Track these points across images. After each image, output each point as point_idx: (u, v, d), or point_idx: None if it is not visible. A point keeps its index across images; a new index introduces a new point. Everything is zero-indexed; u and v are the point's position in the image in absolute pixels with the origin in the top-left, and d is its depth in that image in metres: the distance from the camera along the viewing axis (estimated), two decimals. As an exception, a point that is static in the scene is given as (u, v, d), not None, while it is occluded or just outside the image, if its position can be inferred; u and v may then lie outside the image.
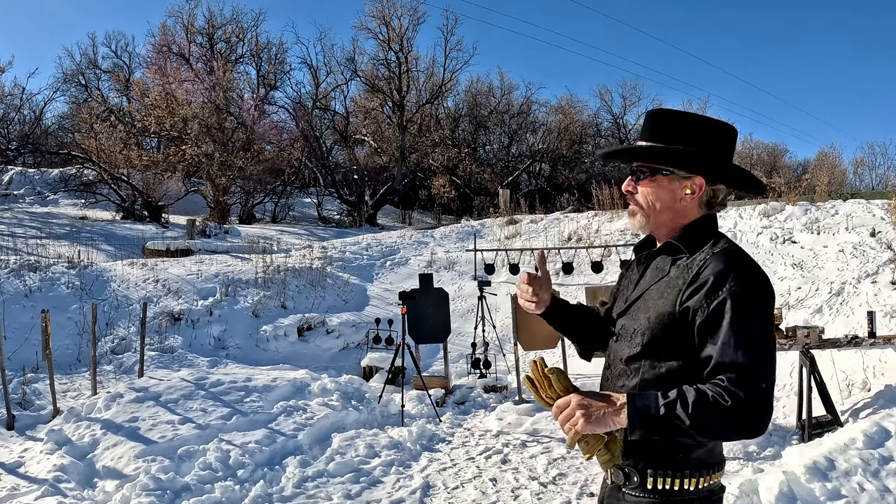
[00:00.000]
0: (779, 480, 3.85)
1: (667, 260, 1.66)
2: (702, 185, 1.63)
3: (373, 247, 13.79)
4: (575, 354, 8.13)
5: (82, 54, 30.46)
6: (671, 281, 1.60)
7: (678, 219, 1.66)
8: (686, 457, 1.55)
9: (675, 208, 1.65)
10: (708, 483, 1.58)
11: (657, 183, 1.65)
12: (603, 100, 35.15)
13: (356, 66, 27.43)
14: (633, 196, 1.71)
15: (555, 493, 4.65)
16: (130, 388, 6.13)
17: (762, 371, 1.42)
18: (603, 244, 12.00)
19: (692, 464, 1.55)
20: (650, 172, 1.66)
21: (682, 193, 1.64)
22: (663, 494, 1.56)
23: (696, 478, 1.55)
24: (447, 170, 28.37)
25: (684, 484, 1.55)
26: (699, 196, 1.64)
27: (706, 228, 1.64)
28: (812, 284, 8.81)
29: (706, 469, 1.57)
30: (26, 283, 9.33)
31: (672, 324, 1.55)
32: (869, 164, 36.02)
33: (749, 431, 1.41)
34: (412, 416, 6.58)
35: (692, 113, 1.70)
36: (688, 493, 1.55)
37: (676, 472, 1.55)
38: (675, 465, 1.55)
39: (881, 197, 13.29)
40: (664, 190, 1.65)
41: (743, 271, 1.51)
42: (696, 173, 1.62)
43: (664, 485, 1.55)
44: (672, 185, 1.64)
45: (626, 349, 1.66)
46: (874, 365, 6.08)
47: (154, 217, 20.02)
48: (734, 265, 1.51)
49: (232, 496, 4.51)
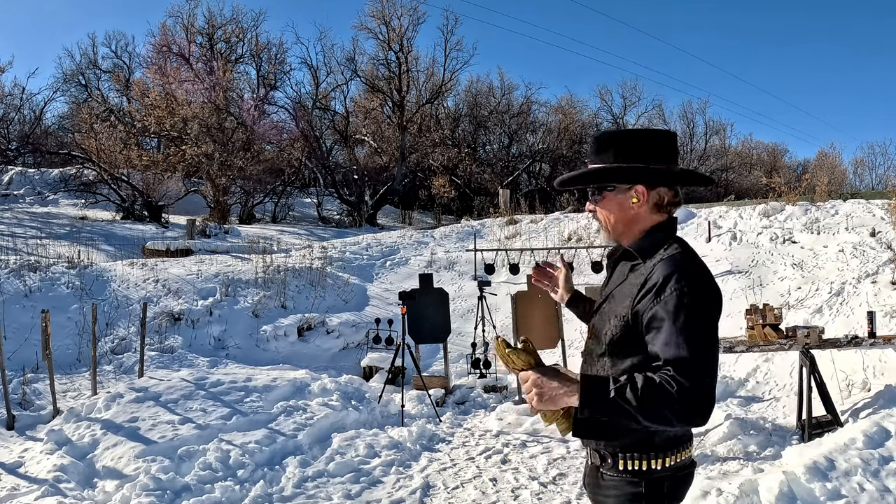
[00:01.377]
0: (779, 480, 3.85)
1: (627, 265, 1.83)
2: (644, 192, 1.76)
3: (373, 247, 13.79)
4: (575, 354, 8.09)
5: (82, 54, 30.53)
6: (628, 286, 1.75)
7: (634, 227, 1.80)
8: (651, 440, 1.70)
9: (627, 218, 1.79)
10: (674, 461, 1.73)
11: (607, 199, 1.81)
12: (603, 100, 35.23)
13: (356, 66, 27.47)
14: (594, 214, 1.88)
15: (555, 493, 4.65)
16: (130, 388, 6.13)
17: (704, 365, 1.52)
18: (603, 244, 12.00)
19: (658, 446, 1.70)
20: (599, 191, 1.82)
21: (629, 203, 1.77)
22: (634, 474, 1.72)
23: (663, 458, 1.71)
24: (447, 170, 28.38)
25: (652, 464, 1.71)
26: (645, 202, 1.76)
27: (660, 233, 1.77)
28: (812, 284, 8.81)
29: (672, 449, 1.72)
30: (26, 283, 9.33)
31: (626, 326, 1.69)
32: (869, 164, 36.06)
33: (690, 419, 1.50)
34: (412, 416, 6.58)
35: (629, 129, 1.88)
36: (656, 472, 1.71)
37: (643, 454, 1.71)
38: (642, 448, 1.70)
39: (881, 197, 13.29)
40: (613, 203, 1.80)
41: (686, 275, 1.62)
42: (634, 183, 1.76)
43: (634, 465, 1.71)
44: (619, 198, 1.79)
45: (596, 346, 1.83)
46: (874, 365, 6.08)
47: (154, 217, 20.02)
48: (679, 269, 1.63)
49: (232, 496, 4.51)
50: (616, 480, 1.75)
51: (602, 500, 1.81)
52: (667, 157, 1.78)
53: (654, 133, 1.81)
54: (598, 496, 1.82)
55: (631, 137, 1.80)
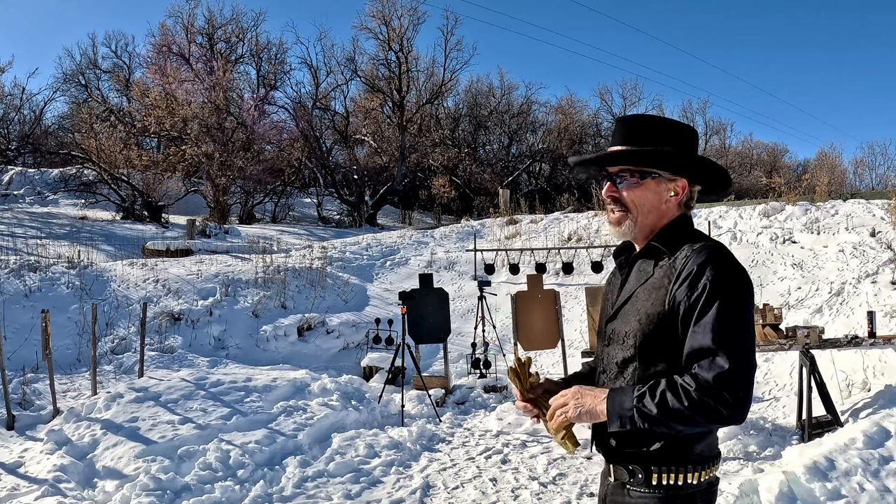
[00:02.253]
0: (779, 480, 3.85)
1: (649, 262, 1.70)
2: (685, 187, 1.69)
3: (373, 247, 13.79)
4: (574, 355, 8.10)
5: (82, 54, 30.50)
6: (657, 282, 1.64)
7: (659, 221, 1.71)
8: (689, 452, 1.60)
9: (659, 210, 1.70)
10: (707, 476, 1.63)
11: (645, 186, 1.68)
12: (603, 100, 35.21)
13: (356, 66, 27.46)
14: (616, 201, 1.72)
15: (555, 493, 4.65)
16: (130, 388, 6.13)
17: (734, 355, 1.44)
18: (603, 244, 11.99)
19: (694, 459, 1.60)
20: (639, 176, 1.68)
21: (667, 196, 1.68)
22: (667, 489, 1.60)
23: (699, 472, 1.61)
24: (447, 170, 28.37)
25: (688, 478, 1.60)
26: (681, 197, 1.69)
27: (684, 228, 1.70)
28: (812, 284, 8.81)
29: (707, 463, 1.62)
30: (26, 283, 9.33)
31: (662, 323, 1.60)
32: (869, 164, 36.08)
33: (718, 418, 1.43)
34: (412, 416, 6.57)
35: (661, 116, 1.75)
36: (691, 487, 1.60)
37: (680, 468, 1.59)
38: (678, 461, 1.59)
39: (881, 197, 13.29)
40: (651, 193, 1.68)
41: (720, 263, 1.55)
42: (682, 175, 1.68)
43: (668, 480, 1.60)
44: (659, 188, 1.68)
45: (619, 352, 1.69)
46: (874, 365, 6.08)
47: (154, 217, 20.01)
48: (713, 258, 1.56)
49: (232, 496, 4.51)
50: (647, 497, 1.62)
51: None
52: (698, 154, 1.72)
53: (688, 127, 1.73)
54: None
55: (670, 126, 1.70)
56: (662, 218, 1.70)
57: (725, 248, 1.62)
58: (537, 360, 8.80)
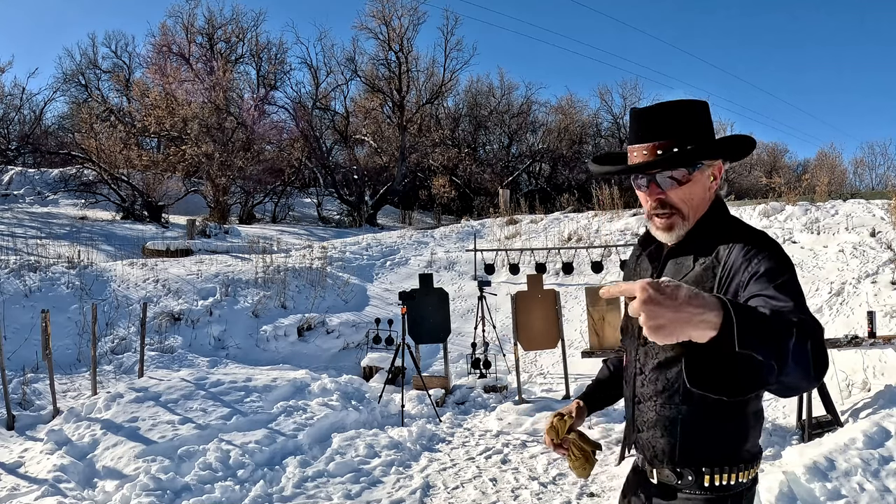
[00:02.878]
0: (779, 480, 3.85)
1: (688, 256, 1.58)
2: (720, 168, 1.60)
3: (373, 247, 13.79)
4: (574, 355, 8.09)
5: (82, 54, 30.52)
6: (701, 275, 1.53)
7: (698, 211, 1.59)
8: (741, 451, 1.55)
9: (707, 200, 1.60)
10: (753, 473, 1.59)
11: (694, 181, 1.56)
12: (603, 100, 35.27)
13: (356, 66, 27.47)
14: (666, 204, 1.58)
15: (555, 493, 4.65)
16: (130, 388, 6.13)
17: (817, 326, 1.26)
18: (603, 244, 11.99)
19: (745, 457, 1.55)
20: (687, 172, 1.56)
21: (709, 183, 1.59)
22: (719, 490, 1.54)
23: (748, 470, 1.56)
24: (447, 170, 28.37)
25: (739, 477, 1.55)
26: (719, 180, 1.61)
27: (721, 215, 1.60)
28: (812, 284, 8.81)
29: (755, 460, 1.58)
30: (26, 283, 9.33)
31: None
32: (869, 164, 36.09)
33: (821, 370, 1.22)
34: (412, 416, 6.57)
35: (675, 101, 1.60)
36: (740, 486, 1.55)
37: (732, 468, 1.54)
38: (731, 461, 1.54)
39: (881, 197, 13.29)
40: (699, 186, 1.57)
41: (771, 241, 1.49)
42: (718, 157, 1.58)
43: (721, 481, 1.54)
44: (703, 178, 1.58)
45: (660, 352, 1.59)
46: (874, 365, 6.08)
47: (154, 217, 20.01)
48: (762, 237, 1.49)
49: (232, 496, 4.51)
50: (696, 499, 1.56)
51: None
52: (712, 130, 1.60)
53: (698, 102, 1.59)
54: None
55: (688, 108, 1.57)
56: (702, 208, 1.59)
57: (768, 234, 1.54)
58: (537, 360, 8.80)
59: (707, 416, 1.53)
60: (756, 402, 1.57)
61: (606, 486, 4.73)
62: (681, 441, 1.56)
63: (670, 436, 1.56)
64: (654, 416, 1.62)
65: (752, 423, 1.56)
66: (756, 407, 1.57)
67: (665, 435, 1.58)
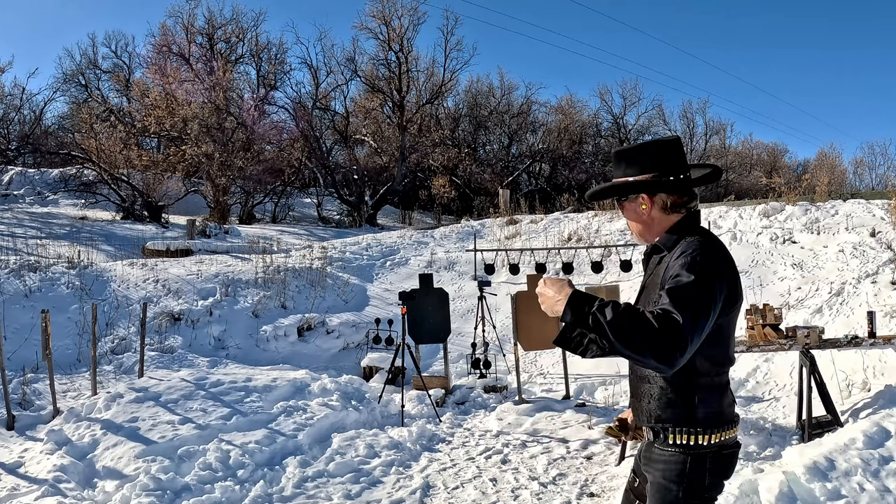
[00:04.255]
0: (779, 480, 3.85)
1: (657, 259, 2.09)
2: (648, 199, 2.05)
3: (373, 247, 13.79)
4: (575, 355, 8.02)
5: (82, 54, 30.53)
6: (658, 272, 2.02)
7: (655, 228, 2.07)
8: (695, 417, 1.94)
9: (643, 221, 2.09)
10: (719, 439, 1.96)
11: (626, 208, 2.13)
12: (603, 100, 35.27)
13: (356, 66, 27.46)
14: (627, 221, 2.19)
15: (555, 493, 4.65)
16: (130, 388, 6.13)
17: (685, 317, 1.67)
18: (603, 244, 11.99)
19: (701, 423, 1.94)
20: (619, 202, 2.14)
21: (641, 209, 2.07)
22: (682, 447, 1.96)
23: (708, 434, 1.94)
24: (447, 170, 28.36)
25: (699, 439, 1.94)
26: (652, 207, 2.05)
27: (683, 227, 2.03)
28: (812, 284, 8.81)
29: (716, 427, 1.95)
30: (26, 283, 9.33)
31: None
32: (869, 164, 36.09)
33: (664, 353, 1.63)
34: (412, 416, 6.57)
35: (638, 144, 2.14)
36: (702, 448, 1.95)
37: (690, 430, 1.95)
38: (689, 424, 1.95)
39: (881, 197, 13.29)
40: (630, 211, 2.11)
41: (698, 248, 1.89)
42: (636, 193, 2.06)
43: (682, 440, 1.96)
44: (633, 206, 2.09)
45: None
46: (874, 365, 6.07)
47: (154, 217, 20.01)
48: (694, 244, 1.92)
49: (232, 496, 4.51)
50: (666, 454, 1.99)
51: (651, 473, 2.05)
52: (673, 163, 2.04)
53: (659, 144, 2.07)
54: (649, 469, 2.07)
55: (638, 152, 2.08)
56: (652, 225, 2.07)
57: (712, 240, 1.94)
58: (537, 360, 8.80)
59: (671, 388, 1.97)
60: (708, 379, 1.95)
61: (606, 486, 4.73)
62: (654, 407, 2.01)
63: (648, 402, 2.03)
64: (640, 388, 2.08)
65: (705, 395, 1.95)
66: (710, 383, 1.96)
67: (646, 402, 2.04)
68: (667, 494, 1.97)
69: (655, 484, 2.02)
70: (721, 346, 1.94)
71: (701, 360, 1.90)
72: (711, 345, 1.86)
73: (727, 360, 1.99)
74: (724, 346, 1.96)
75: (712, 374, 1.95)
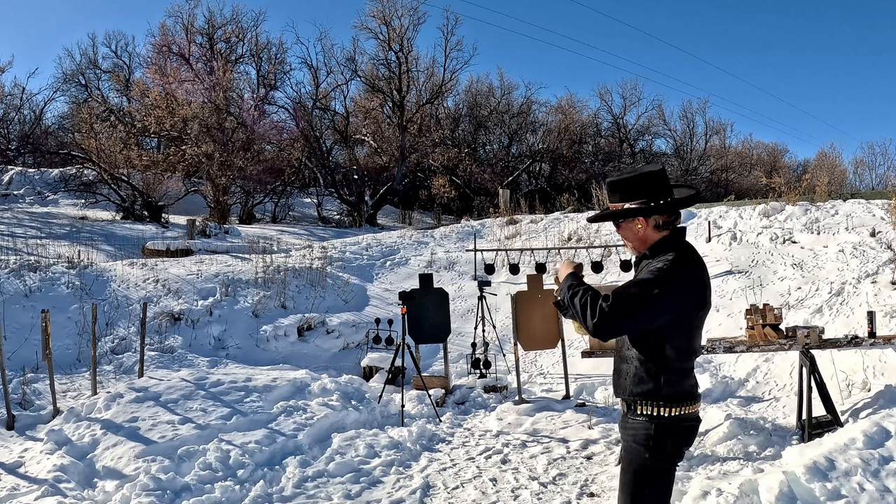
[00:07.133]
0: (779, 480, 3.85)
1: (645, 261, 2.47)
2: (643, 221, 2.44)
3: (373, 247, 13.79)
4: (574, 355, 8.05)
5: (82, 54, 30.54)
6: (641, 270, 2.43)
7: (646, 242, 2.46)
8: (659, 392, 2.33)
9: (638, 238, 2.48)
10: (679, 412, 2.34)
11: (623, 227, 2.52)
12: (603, 100, 35.22)
13: (356, 66, 27.47)
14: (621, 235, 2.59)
15: (555, 493, 4.65)
16: (130, 388, 6.12)
17: (610, 309, 2.16)
18: (603, 244, 12.00)
19: (664, 397, 2.33)
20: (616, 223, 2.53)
21: (636, 228, 2.46)
22: (648, 417, 2.34)
23: (669, 407, 2.33)
24: (447, 170, 28.36)
25: (661, 411, 2.33)
26: (647, 227, 2.43)
27: (662, 244, 2.41)
28: (812, 284, 8.81)
29: (676, 402, 2.33)
30: (26, 283, 9.33)
31: None
32: (869, 164, 36.07)
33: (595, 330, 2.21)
34: (412, 416, 6.57)
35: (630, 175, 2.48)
36: (663, 418, 2.33)
37: (654, 402, 2.34)
38: (653, 398, 2.34)
39: (881, 197, 13.30)
40: (627, 230, 2.50)
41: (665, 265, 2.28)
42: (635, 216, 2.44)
43: (646, 410, 2.35)
44: (629, 226, 2.48)
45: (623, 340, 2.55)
46: (874, 365, 6.08)
47: (154, 217, 20.02)
48: (664, 260, 2.32)
49: (232, 496, 4.51)
50: (635, 423, 2.38)
51: (625, 438, 2.44)
52: (661, 189, 2.42)
53: (650, 175, 2.44)
54: (624, 436, 2.45)
55: (631, 182, 2.45)
56: (644, 241, 2.46)
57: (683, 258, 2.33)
58: (537, 360, 8.80)
59: (644, 369, 2.35)
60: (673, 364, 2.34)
61: (606, 486, 4.73)
62: (629, 383, 2.41)
63: (625, 379, 2.44)
64: (621, 367, 2.48)
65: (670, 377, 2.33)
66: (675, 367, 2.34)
67: (623, 378, 2.45)
68: (637, 456, 2.37)
69: (628, 447, 2.42)
70: (686, 339, 2.35)
71: (669, 349, 2.32)
72: (677, 337, 2.32)
73: (692, 350, 2.39)
74: (689, 339, 2.37)
75: (677, 361, 2.35)
